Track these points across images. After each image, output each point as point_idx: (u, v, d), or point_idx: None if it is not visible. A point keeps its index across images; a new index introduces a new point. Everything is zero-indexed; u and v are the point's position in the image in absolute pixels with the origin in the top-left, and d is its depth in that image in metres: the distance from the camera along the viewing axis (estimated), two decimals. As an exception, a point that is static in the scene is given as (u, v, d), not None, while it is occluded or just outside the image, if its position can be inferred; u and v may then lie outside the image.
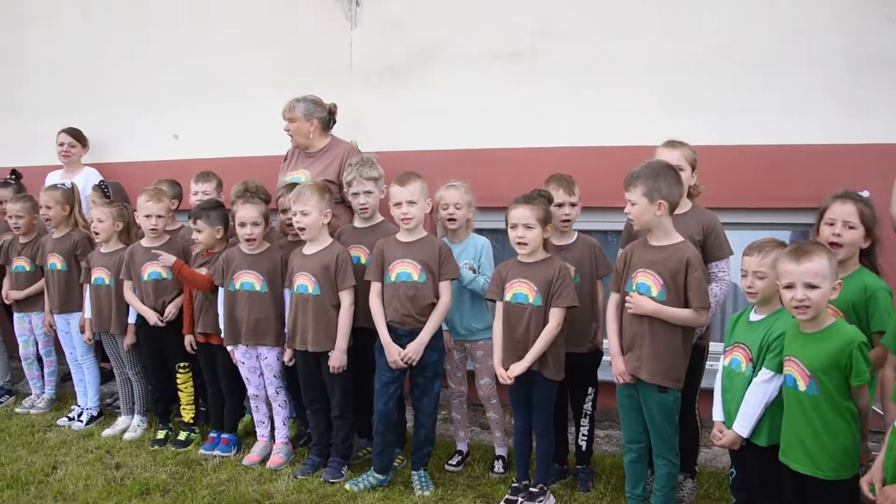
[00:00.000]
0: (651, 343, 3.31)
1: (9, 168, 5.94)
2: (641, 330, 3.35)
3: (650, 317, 3.31)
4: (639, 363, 3.36)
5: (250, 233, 4.20)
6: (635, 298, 3.34)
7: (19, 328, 5.44)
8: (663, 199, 3.26)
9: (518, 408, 3.84)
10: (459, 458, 4.37)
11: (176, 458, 4.50)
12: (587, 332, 3.95)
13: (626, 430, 3.58)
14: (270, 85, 5.36)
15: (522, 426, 3.85)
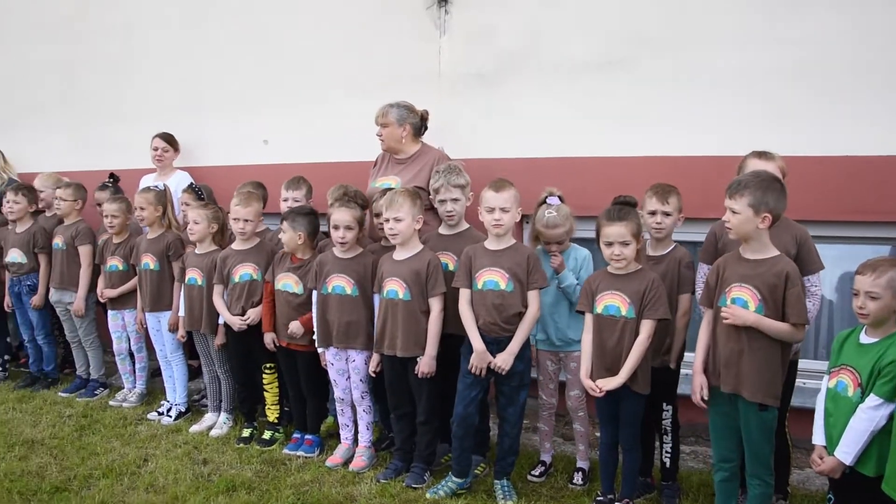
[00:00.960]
0: (751, 359, 3.21)
1: (108, 171, 6.16)
2: (740, 346, 3.25)
3: (749, 332, 3.21)
4: (738, 380, 3.25)
5: (342, 236, 4.24)
6: (734, 310, 3.24)
7: (113, 325, 5.61)
8: (769, 212, 3.17)
9: (605, 421, 3.80)
10: (543, 469, 4.33)
11: (261, 456, 4.57)
12: (658, 347, 3.84)
13: (718, 449, 3.48)
14: (360, 91, 5.44)
15: (608, 439, 3.80)
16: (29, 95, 7.33)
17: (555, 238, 4.07)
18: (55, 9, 7.11)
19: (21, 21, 7.37)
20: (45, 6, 7.19)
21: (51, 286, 5.87)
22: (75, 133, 7.03)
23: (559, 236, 4.06)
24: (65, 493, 4.13)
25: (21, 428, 5.09)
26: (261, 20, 5.95)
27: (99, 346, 5.90)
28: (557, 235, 4.06)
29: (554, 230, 4.05)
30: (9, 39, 7.46)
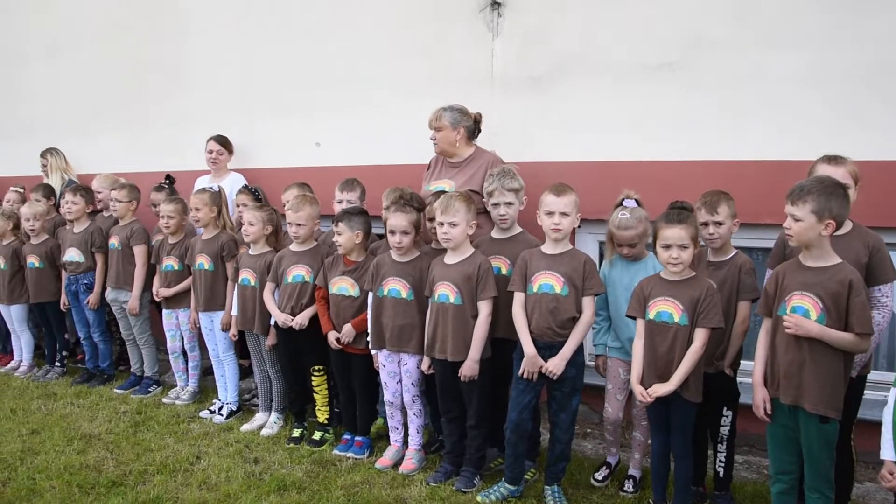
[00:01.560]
0: (813, 370, 3.13)
1: (163, 172, 6.28)
2: (801, 356, 3.17)
3: (811, 342, 3.13)
4: (799, 391, 3.17)
5: (399, 241, 4.24)
6: (796, 320, 3.16)
7: (167, 323, 5.71)
8: (833, 219, 3.09)
9: (656, 428, 3.75)
10: (607, 472, 4.31)
11: (311, 456, 4.60)
12: (711, 353, 3.76)
13: (776, 461, 3.40)
14: (412, 94, 5.46)
15: (660, 447, 3.75)
16: (88, 99, 7.52)
17: (626, 240, 4.01)
18: (112, 15, 7.27)
19: (79, 27, 7.57)
20: (101, 13, 7.36)
21: (107, 285, 6.00)
22: (132, 135, 7.19)
23: (631, 238, 4.00)
24: (121, 487, 4.22)
25: (79, 423, 5.22)
26: (315, 23, 6.00)
27: (153, 345, 6.01)
28: (629, 237, 4.00)
29: (626, 232, 3.99)
30: (68, 45, 7.66)
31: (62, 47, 7.72)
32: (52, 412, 5.47)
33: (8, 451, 4.74)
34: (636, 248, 4.05)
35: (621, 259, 4.10)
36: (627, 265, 4.08)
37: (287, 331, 4.78)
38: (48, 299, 6.35)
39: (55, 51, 7.78)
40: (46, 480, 4.30)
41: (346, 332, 4.51)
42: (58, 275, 6.32)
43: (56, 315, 6.42)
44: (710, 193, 3.86)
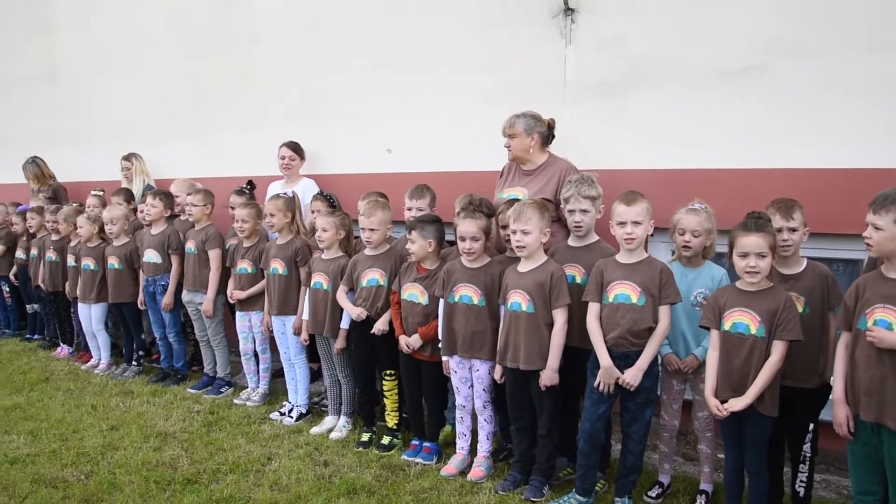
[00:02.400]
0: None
1: (238, 178, 6.42)
2: (882, 371, 3.07)
3: (892, 357, 3.03)
4: (881, 408, 3.07)
5: (470, 247, 4.25)
6: (880, 333, 3.06)
7: (240, 325, 5.81)
8: None
9: (730, 443, 3.67)
10: (660, 491, 4.21)
11: (380, 461, 4.63)
12: (814, 367, 3.68)
13: (858, 481, 3.29)
14: (484, 100, 5.47)
15: (734, 462, 3.67)
16: (163, 106, 7.75)
17: (692, 225, 3.93)
18: (187, 24, 7.48)
19: (155, 37, 7.80)
20: (177, 22, 7.58)
21: (183, 287, 6.15)
22: (206, 141, 7.38)
23: (697, 225, 3.92)
24: (195, 485, 4.31)
25: (155, 420, 5.36)
26: (384, 29, 6.06)
27: (226, 346, 6.13)
28: (695, 223, 3.93)
29: (693, 217, 3.94)
30: (144, 55, 7.91)
31: (139, 57, 7.98)
32: (129, 409, 5.64)
33: (90, 446, 4.91)
34: (699, 240, 3.96)
35: (680, 266, 4.04)
36: (684, 272, 4.01)
37: (359, 335, 4.83)
38: (126, 300, 6.54)
39: (132, 60, 8.05)
40: (126, 475, 4.44)
41: (413, 341, 4.53)
42: (136, 276, 6.50)
43: (133, 315, 6.61)
44: (783, 199, 3.77)
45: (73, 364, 7.03)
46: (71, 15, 8.87)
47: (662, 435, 4.25)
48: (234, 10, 7.04)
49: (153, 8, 7.81)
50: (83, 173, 8.60)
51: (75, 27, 8.80)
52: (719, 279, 3.97)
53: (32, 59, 9.52)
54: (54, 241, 7.24)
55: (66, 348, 7.41)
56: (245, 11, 6.94)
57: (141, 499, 4.15)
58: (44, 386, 6.33)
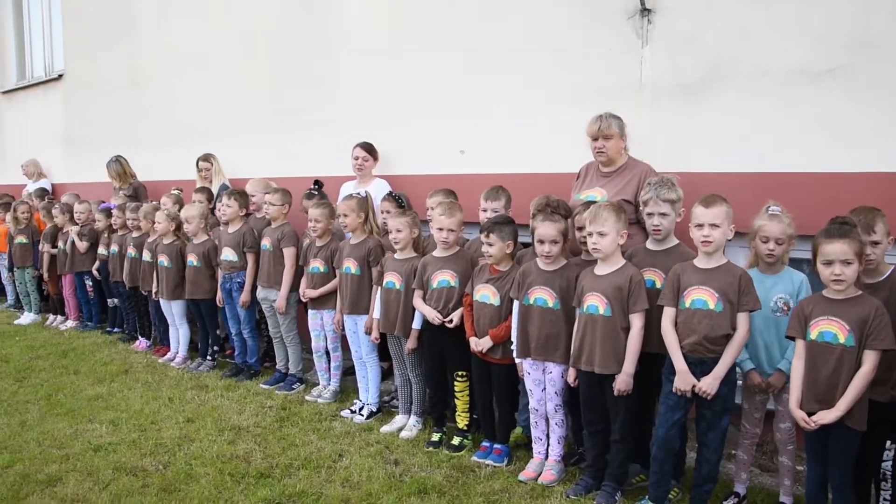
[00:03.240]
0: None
1: (311, 177, 6.51)
2: None
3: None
4: None
5: (549, 251, 4.22)
6: None
7: (312, 323, 5.89)
8: None
9: (813, 456, 3.54)
10: (735, 501, 4.09)
11: (450, 461, 4.63)
12: (888, 380, 3.52)
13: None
14: (558, 102, 5.43)
15: (817, 477, 3.54)
16: (240, 107, 7.93)
17: (776, 233, 3.81)
18: (263, 28, 7.63)
19: (233, 40, 7.98)
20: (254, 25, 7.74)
21: (258, 284, 6.26)
22: (281, 142, 7.51)
23: (781, 232, 3.81)
24: (268, 479, 4.38)
25: (229, 414, 5.47)
26: (460, 32, 6.06)
27: (298, 343, 6.22)
28: (779, 231, 3.81)
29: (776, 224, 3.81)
30: (223, 57, 8.10)
31: (217, 61, 8.19)
32: (204, 403, 5.77)
33: (168, 437, 5.04)
34: (782, 248, 3.84)
35: (759, 272, 3.91)
36: (763, 278, 3.88)
37: (432, 335, 4.85)
38: (202, 296, 6.69)
39: (210, 64, 8.27)
40: (201, 467, 4.54)
41: (484, 342, 4.52)
42: (213, 274, 6.65)
43: (210, 311, 6.76)
44: (863, 210, 3.64)
45: (150, 357, 7.24)
46: (152, 22, 9.17)
47: (742, 442, 4.14)
48: (312, 14, 7.14)
49: (232, 13, 8.00)
50: (162, 173, 8.87)
51: (156, 34, 9.11)
52: (799, 283, 3.86)
53: (116, 64, 9.88)
54: (134, 238, 7.47)
55: (144, 342, 7.64)
56: (322, 15, 7.04)
57: (216, 490, 4.23)
58: (123, 377, 6.54)
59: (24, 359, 7.32)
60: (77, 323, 8.76)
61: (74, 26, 10.80)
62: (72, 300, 8.81)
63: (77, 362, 7.11)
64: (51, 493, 4.25)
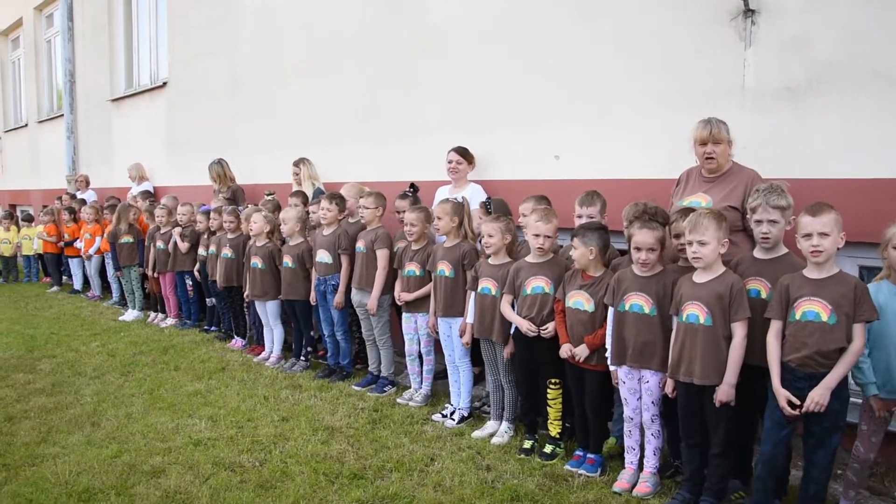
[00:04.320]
0: None
1: (406, 182, 6.57)
2: None
3: None
4: None
5: (646, 258, 4.14)
6: None
7: (406, 326, 5.92)
8: None
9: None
10: (842, 521, 3.94)
11: (542, 469, 4.58)
12: None
13: None
14: (655, 106, 5.31)
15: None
16: (337, 113, 8.07)
17: None
18: (361, 34, 7.74)
19: (330, 47, 8.13)
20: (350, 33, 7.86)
21: (352, 286, 6.35)
22: (376, 146, 7.60)
23: None
24: (361, 480, 4.42)
25: (322, 415, 5.55)
26: (553, 36, 6.00)
27: (391, 346, 6.27)
28: None
29: None
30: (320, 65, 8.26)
31: (314, 67, 8.36)
32: (298, 402, 5.88)
33: (263, 434, 5.15)
34: None
35: (889, 284, 3.72)
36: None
37: (525, 342, 4.80)
38: (297, 298, 6.83)
39: (308, 71, 8.45)
40: (296, 465, 4.62)
41: (580, 350, 4.46)
42: (307, 276, 6.78)
43: (304, 312, 6.89)
44: None
45: (245, 356, 7.43)
46: (253, 32, 9.44)
47: (853, 465, 3.94)
48: (408, 20, 7.20)
49: (329, 21, 8.14)
50: (260, 176, 9.12)
51: (256, 43, 9.36)
52: None
53: (217, 72, 10.22)
54: (230, 239, 7.69)
55: (240, 340, 7.85)
56: (418, 22, 7.09)
57: (311, 489, 4.30)
58: (220, 375, 6.74)
59: (129, 354, 7.64)
60: (176, 321, 9.09)
61: (179, 37, 11.24)
62: (172, 298, 9.16)
63: (177, 359, 7.37)
64: (155, 484, 4.41)
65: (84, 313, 10.20)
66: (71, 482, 4.44)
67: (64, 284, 12.68)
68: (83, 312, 10.28)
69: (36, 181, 16.88)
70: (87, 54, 14.14)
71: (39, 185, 16.59)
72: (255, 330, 7.57)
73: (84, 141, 14.50)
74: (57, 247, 12.44)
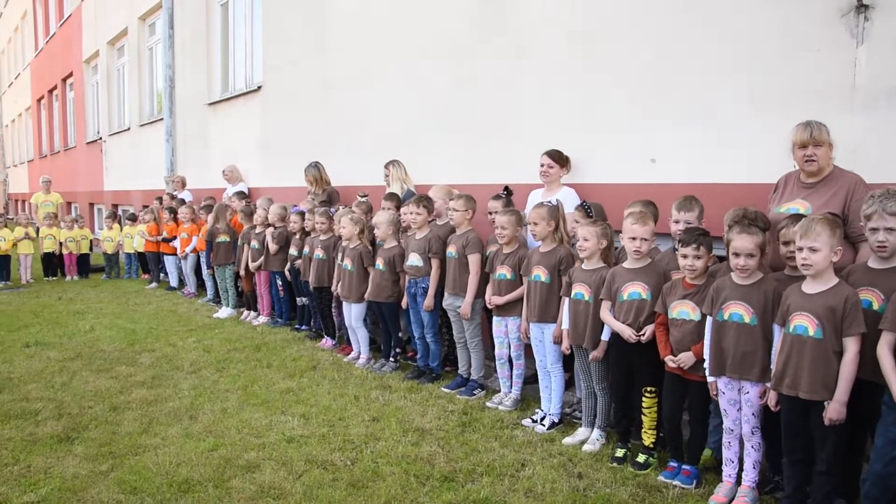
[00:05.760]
0: None
1: (498, 185, 6.55)
2: None
3: None
4: None
5: (745, 264, 4.01)
6: None
7: (496, 330, 5.90)
8: None
9: None
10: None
11: (635, 479, 4.49)
12: None
13: None
14: (756, 108, 5.12)
15: None
16: (429, 116, 8.10)
17: None
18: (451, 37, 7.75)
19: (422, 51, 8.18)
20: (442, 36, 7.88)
21: (445, 290, 6.36)
22: (468, 148, 7.59)
23: None
24: (452, 483, 4.43)
25: (412, 416, 5.58)
26: (651, 35, 5.85)
27: (482, 349, 6.25)
28: None
29: None
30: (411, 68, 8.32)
31: (406, 70, 8.41)
32: (388, 403, 5.93)
33: (355, 434, 5.21)
34: None
35: None
36: None
37: (620, 349, 4.73)
38: (386, 300, 6.88)
39: (400, 73, 8.50)
40: (387, 466, 4.66)
41: (686, 359, 4.34)
42: (396, 279, 6.83)
43: (392, 314, 6.95)
44: None
45: (335, 355, 7.55)
46: (345, 37, 9.57)
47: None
48: (503, 23, 7.15)
49: (422, 26, 8.18)
50: (352, 178, 9.25)
51: (349, 47, 9.49)
52: None
53: (310, 76, 10.42)
54: (322, 241, 7.83)
55: (330, 340, 7.98)
56: (513, 24, 7.03)
57: (402, 490, 4.32)
58: (311, 373, 6.86)
59: (223, 350, 7.87)
60: (268, 319, 9.32)
61: (274, 43, 11.51)
62: (265, 297, 9.39)
63: (269, 356, 7.55)
64: (250, 478, 4.51)
65: (180, 310, 10.58)
66: (171, 472, 4.60)
67: (161, 281, 13.18)
68: (179, 309, 10.66)
69: (136, 182, 17.61)
70: (185, 61, 14.68)
71: (139, 186, 17.30)
72: (345, 330, 7.67)
73: (182, 143, 15.06)
74: (156, 245, 12.93)
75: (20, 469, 4.73)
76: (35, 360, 7.53)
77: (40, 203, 16.10)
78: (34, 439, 5.23)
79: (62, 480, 4.53)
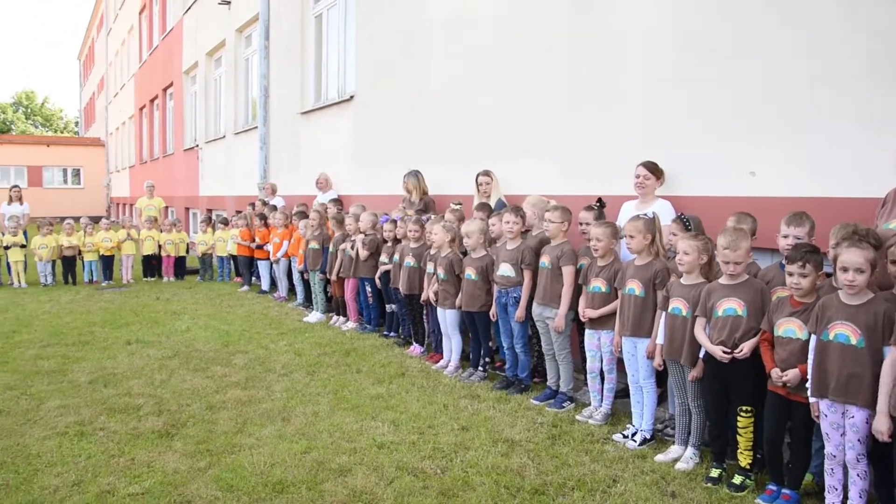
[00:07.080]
0: None
1: (592, 196, 6.50)
2: None
3: None
4: None
5: (852, 279, 3.86)
6: None
7: (588, 343, 5.84)
8: None
9: None
10: None
11: (731, 501, 4.38)
12: None
13: None
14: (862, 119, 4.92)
15: None
16: (521, 125, 8.10)
17: None
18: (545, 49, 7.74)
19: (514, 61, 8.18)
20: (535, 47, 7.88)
21: (535, 301, 6.34)
22: (560, 159, 7.55)
23: None
24: (542, 496, 4.40)
25: (501, 427, 5.57)
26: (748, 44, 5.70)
27: (571, 362, 6.20)
28: None
29: None
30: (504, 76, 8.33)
31: (500, 81, 8.42)
32: (477, 412, 5.94)
33: (444, 442, 5.24)
34: None
35: None
36: None
37: (716, 366, 4.62)
38: (477, 309, 6.90)
39: (494, 82, 8.52)
40: (477, 476, 4.67)
41: (793, 376, 4.21)
42: (488, 289, 6.84)
43: (483, 324, 6.97)
44: None
45: (424, 363, 7.61)
46: (439, 47, 9.67)
47: None
48: (600, 34, 7.08)
49: (516, 37, 8.19)
50: (443, 187, 9.32)
51: (443, 57, 9.58)
52: None
53: (402, 86, 10.57)
54: (413, 248, 7.92)
55: (418, 347, 8.05)
56: (610, 35, 6.97)
57: (493, 501, 4.33)
58: (400, 380, 6.93)
59: (314, 354, 8.04)
60: (357, 325, 9.47)
61: (366, 53, 11.73)
62: (353, 303, 9.55)
63: (359, 362, 7.67)
64: (342, 482, 4.59)
65: (272, 313, 10.86)
66: (266, 472, 4.73)
67: (253, 285, 13.55)
68: (271, 312, 10.94)
69: (230, 188, 18.20)
70: (280, 71, 15.12)
71: (232, 192, 17.87)
72: (434, 338, 7.73)
73: (275, 151, 15.49)
74: (249, 249, 13.32)
75: (125, 461, 4.95)
76: (136, 358, 7.87)
77: (144, 207, 16.83)
78: (137, 433, 5.47)
79: (164, 475, 4.72)
